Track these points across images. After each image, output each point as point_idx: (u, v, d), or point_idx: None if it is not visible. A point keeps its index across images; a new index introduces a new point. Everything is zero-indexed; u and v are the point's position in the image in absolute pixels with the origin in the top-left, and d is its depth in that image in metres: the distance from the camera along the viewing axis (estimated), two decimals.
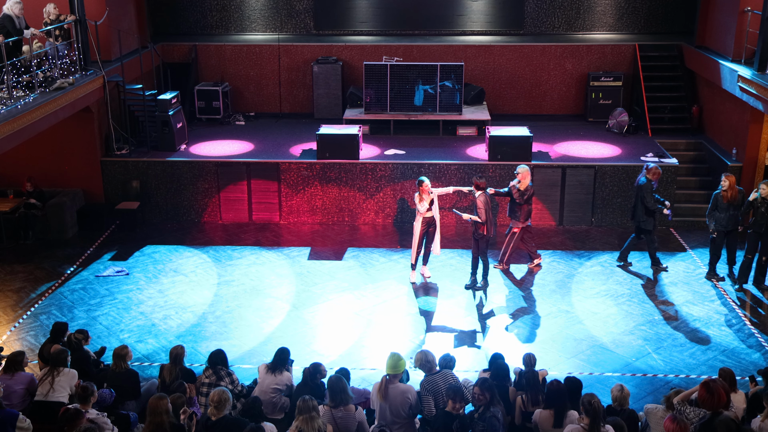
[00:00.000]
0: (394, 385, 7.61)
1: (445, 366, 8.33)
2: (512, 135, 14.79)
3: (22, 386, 8.36)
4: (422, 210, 12.10)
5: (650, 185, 12.50)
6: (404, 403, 7.55)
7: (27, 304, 12.04)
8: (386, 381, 7.67)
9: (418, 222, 12.25)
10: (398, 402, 7.52)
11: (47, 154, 14.83)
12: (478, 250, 12.22)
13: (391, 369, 7.71)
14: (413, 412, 7.71)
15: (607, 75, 17.40)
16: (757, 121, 14.33)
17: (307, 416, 6.98)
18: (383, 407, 7.65)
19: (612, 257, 13.54)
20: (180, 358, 8.62)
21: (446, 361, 8.36)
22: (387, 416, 7.62)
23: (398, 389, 7.57)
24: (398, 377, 7.74)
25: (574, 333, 11.16)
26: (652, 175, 12.56)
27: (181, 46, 18.04)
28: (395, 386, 7.61)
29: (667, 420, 6.63)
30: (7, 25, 12.22)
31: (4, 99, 11.64)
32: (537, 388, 7.96)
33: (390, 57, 17.32)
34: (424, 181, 12.05)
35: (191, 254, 13.68)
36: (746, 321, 11.51)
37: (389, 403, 7.57)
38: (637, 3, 18.58)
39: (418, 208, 12.12)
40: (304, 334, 11.15)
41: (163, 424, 6.90)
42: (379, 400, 7.63)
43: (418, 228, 12.25)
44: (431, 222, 12.29)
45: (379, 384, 7.77)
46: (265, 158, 15.00)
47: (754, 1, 14.24)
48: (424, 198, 12.06)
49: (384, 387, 7.65)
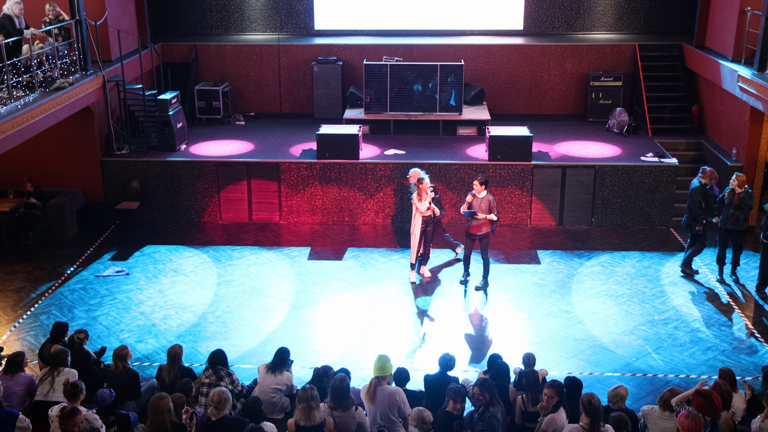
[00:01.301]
0: (382, 388, 7.60)
1: (445, 367, 8.33)
2: (512, 135, 14.79)
3: (21, 387, 8.36)
4: (422, 209, 12.02)
5: (703, 189, 12.16)
6: (393, 405, 7.53)
7: (27, 304, 12.04)
8: (375, 383, 7.65)
9: (418, 221, 12.16)
10: (386, 404, 7.52)
11: (47, 154, 14.83)
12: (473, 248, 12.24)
13: (379, 371, 7.68)
14: (402, 414, 7.68)
15: (607, 75, 17.40)
16: (757, 121, 14.33)
17: (306, 405, 7.00)
18: (372, 410, 7.65)
19: (612, 257, 13.54)
20: (178, 358, 8.62)
21: (446, 361, 8.35)
22: (377, 419, 7.62)
23: (386, 391, 7.56)
24: (386, 379, 7.71)
25: (574, 333, 11.16)
26: (708, 178, 12.29)
27: (181, 46, 18.05)
28: (383, 388, 7.59)
29: (681, 416, 6.63)
30: (7, 25, 12.22)
31: (4, 99, 11.64)
32: (537, 388, 7.96)
33: (390, 57, 17.33)
34: (424, 179, 11.96)
35: (191, 254, 13.68)
36: (746, 321, 11.51)
37: (378, 407, 7.56)
38: (637, 3, 18.58)
39: (417, 207, 12.02)
40: (304, 334, 11.15)
41: (165, 423, 6.90)
42: (368, 403, 7.63)
43: (418, 227, 12.18)
44: (430, 221, 12.25)
45: (367, 387, 7.76)
46: (265, 158, 15.01)
47: (754, 1, 14.24)
48: (423, 197, 11.97)
49: (372, 390, 7.64)
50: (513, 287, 12.50)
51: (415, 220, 12.21)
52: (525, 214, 14.85)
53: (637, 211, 14.75)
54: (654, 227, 14.80)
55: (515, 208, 14.80)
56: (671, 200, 14.71)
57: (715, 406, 6.83)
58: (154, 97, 15.51)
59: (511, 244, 14.11)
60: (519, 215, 14.84)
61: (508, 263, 13.32)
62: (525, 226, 14.85)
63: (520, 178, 14.64)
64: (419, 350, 10.72)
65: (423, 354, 10.58)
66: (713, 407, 6.82)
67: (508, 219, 14.87)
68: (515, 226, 14.84)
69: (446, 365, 8.35)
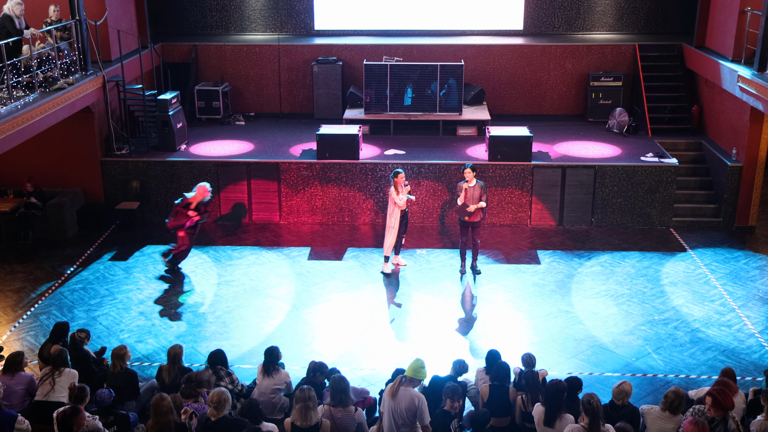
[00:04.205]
0: (406, 388, 7.55)
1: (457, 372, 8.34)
2: (512, 135, 14.78)
3: (22, 387, 8.36)
4: (401, 203, 12.43)
5: None
6: (410, 408, 7.47)
7: (27, 304, 12.04)
8: (401, 381, 7.58)
9: (396, 216, 12.55)
10: (404, 405, 7.47)
11: (47, 154, 14.83)
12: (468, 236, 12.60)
13: (412, 372, 7.58)
14: (417, 420, 7.62)
15: (607, 75, 17.40)
16: (757, 121, 14.32)
17: (303, 405, 6.99)
18: (390, 407, 7.57)
19: (612, 257, 13.54)
20: (178, 358, 8.62)
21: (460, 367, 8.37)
22: (392, 417, 7.54)
23: (408, 392, 7.51)
24: (414, 383, 7.67)
25: (574, 333, 11.16)
26: None
27: (181, 46, 18.05)
28: (407, 389, 7.54)
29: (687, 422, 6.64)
30: (7, 26, 12.22)
31: (4, 99, 11.64)
32: (537, 388, 7.96)
33: (390, 57, 17.32)
34: (400, 173, 12.44)
35: (191, 254, 13.67)
36: (746, 321, 11.51)
37: (396, 404, 7.51)
38: (637, 3, 18.58)
39: (396, 202, 12.41)
40: (304, 334, 11.15)
41: (169, 423, 6.91)
42: (389, 398, 7.56)
43: (397, 222, 12.57)
44: (405, 214, 12.65)
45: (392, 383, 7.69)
46: (265, 158, 15.00)
47: (754, 1, 14.24)
48: (400, 190, 12.37)
49: (397, 386, 7.58)
50: (513, 287, 12.50)
51: (393, 214, 12.56)
52: (525, 214, 14.84)
53: (637, 211, 14.75)
54: (654, 227, 14.80)
55: (515, 208, 14.80)
56: (671, 200, 14.71)
57: (725, 404, 6.88)
58: (154, 97, 15.51)
59: (511, 244, 14.11)
60: (519, 215, 14.84)
61: (508, 263, 13.32)
62: (525, 226, 14.85)
63: (520, 178, 14.64)
64: (419, 350, 10.70)
65: (424, 354, 10.54)
66: (724, 405, 6.87)
67: (508, 219, 14.87)
68: (515, 226, 14.83)
69: (459, 371, 8.36)
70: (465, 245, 12.81)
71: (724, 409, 6.92)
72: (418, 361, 7.65)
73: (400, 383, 7.53)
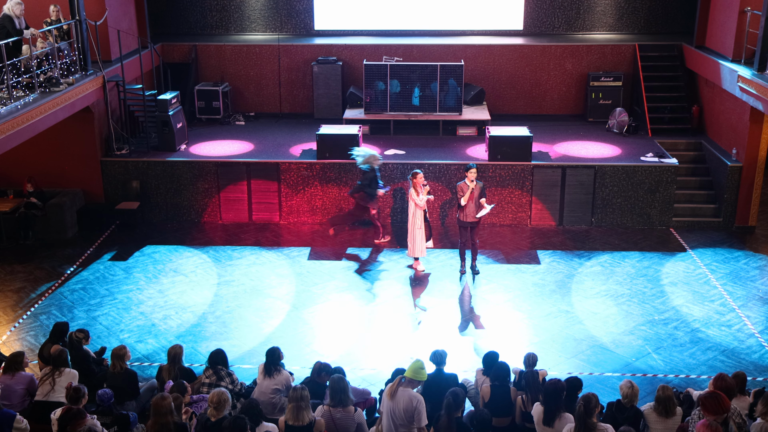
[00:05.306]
0: (406, 389, 7.54)
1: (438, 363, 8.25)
2: (512, 135, 14.79)
3: (22, 386, 8.37)
4: (421, 203, 12.40)
5: None
6: (408, 408, 7.47)
7: (27, 304, 12.04)
8: (400, 382, 7.58)
9: (419, 216, 12.48)
10: (402, 406, 7.47)
11: (47, 154, 14.83)
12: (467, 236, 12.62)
13: (411, 373, 7.58)
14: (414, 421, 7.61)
15: (607, 75, 17.40)
16: (757, 121, 14.32)
17: (295, 405, 7.01)
18: (389, 407, 7.58)
19: (612, 257, 13.54)
20: (178, 358, 8.62)
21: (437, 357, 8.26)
22: (391, 417, 7.54)
23: (407, 393, 7.51)
24: (414, 384, 7.66)
25: (574, 333, 11.16)
26: None
27: (181, 46, 18.05)
28: (405, 390, 7.54)
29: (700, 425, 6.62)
30: (7, 26, 12.22)
31: (4, 99, 11.64)
32: (537, 388, 7.96)
33: (390, 57, 17.32)
34: (419, 173, 12.42)
35: (191, 254, 13.69)
36: (746, 321, 11.51)
37: (395, 405, 7.51)
38: (637, 3, 18.58)
39: (417, 202, 12.37)
40: (304, 334, 11.15)
41: (168, 424, 6.91)
42: (387, 399, 7.56)
43: (421, 221, 12.52)
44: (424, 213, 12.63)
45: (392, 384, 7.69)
46: (265, 158, 15.01)
47: (754, 1, 14.24)
48: (419, 191, 12.36)
49: (396, 387, 7.58)
50: (513, 287, 12.50)
51: (415, 214, 12.50)
52: (525, 214, 14.85)
53: (637, 211, 14.75)
54: (654, 227, 14.80)
55: (515, 208, 14.80)
56: (671, 200, 14.71)
57: (715, 409, 6.85)
58: (154, 97, 15.50)
59: (511, 244, 14.11)
60: (519, 215, 14.84)
61: (508, 263, 13.32)
62: (525, 226, 14.85)
63: (520, 178, 14.64)
64: (419, 350, 10.70)
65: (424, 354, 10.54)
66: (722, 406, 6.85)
67: (508, 219, 14.87)
68: (515, 226, 14.84)
69: (438, 361, 8.29)
70: (464, 245, 12.81)
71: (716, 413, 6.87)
72: (418, 362, 7.64)
73: (399, 384, 7.53)
